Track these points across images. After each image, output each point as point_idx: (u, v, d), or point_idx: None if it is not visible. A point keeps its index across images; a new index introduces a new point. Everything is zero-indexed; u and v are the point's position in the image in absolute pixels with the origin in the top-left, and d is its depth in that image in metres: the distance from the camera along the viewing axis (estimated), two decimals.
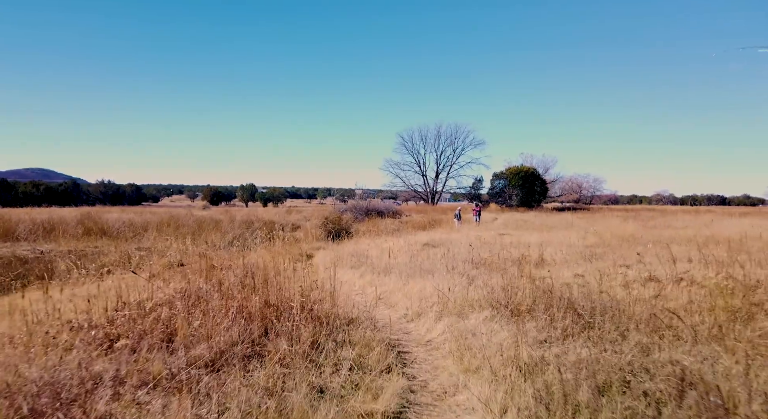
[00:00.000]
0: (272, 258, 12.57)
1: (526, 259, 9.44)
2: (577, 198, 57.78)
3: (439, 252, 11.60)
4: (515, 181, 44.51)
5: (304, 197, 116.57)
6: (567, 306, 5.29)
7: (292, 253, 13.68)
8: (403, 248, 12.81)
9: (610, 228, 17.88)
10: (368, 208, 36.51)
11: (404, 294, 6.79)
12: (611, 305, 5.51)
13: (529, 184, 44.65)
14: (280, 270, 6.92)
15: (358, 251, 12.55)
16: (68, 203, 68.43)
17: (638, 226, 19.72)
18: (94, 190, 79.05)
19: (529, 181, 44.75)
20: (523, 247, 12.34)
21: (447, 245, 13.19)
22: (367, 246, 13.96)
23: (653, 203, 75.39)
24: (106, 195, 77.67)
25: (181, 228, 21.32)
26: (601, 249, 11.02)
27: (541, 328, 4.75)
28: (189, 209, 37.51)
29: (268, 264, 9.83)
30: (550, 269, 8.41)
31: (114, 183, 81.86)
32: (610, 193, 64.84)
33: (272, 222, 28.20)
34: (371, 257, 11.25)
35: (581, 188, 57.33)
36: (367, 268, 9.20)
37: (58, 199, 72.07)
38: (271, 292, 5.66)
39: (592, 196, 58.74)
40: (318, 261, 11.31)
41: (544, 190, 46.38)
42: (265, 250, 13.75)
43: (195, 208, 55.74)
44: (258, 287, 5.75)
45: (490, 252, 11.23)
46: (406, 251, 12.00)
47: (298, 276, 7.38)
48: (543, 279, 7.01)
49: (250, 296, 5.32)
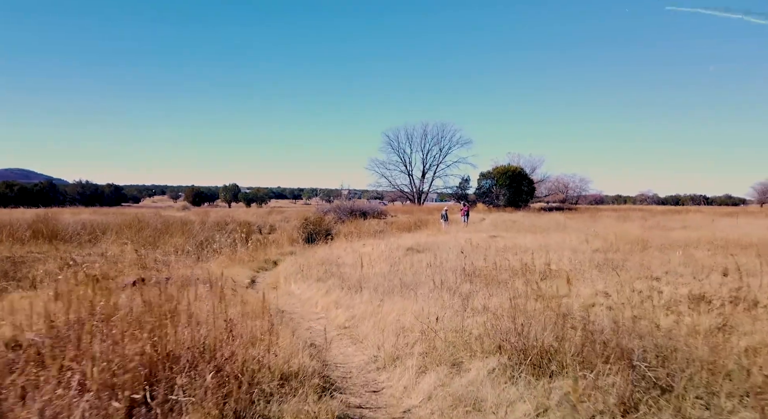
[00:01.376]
0: (227, 268, 10.65)
1: (529, 269, 7.68)
2: (563, 198, 56.71)
3: (425, 259, 9.80)
4: (502, 180, 43.01)
5: (289, 198, 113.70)
6: (611, 349, 3.52)
7: (257, 260, 11.76)
8: (383, 253, 10.99)
9: (610, 229, 16.30)
10: (352, 209, 34.63)
11: (377, 323, 4.95)
12: (668, 345, 3.76)
13: (516, 184, 43.20)
14: (203, 293, 5.03)
15: (331, 257, 10.69)
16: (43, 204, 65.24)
17: (637, 227, 18.23)
18: (71, 191, 75.58)
19: (517, 180, 43.30)
20: (521, 252, 10.63)
21: (434, 250, 11.41)
22: (344, 251, 12.10)
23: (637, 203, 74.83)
24: (84, 195, 74.27)
25: (144, 231, 19.15)
26: (612, 255, 9.33)
27: (582, 395, 2.96)
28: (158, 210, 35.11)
29: (212, 278, 7.92)
30: (561, 283, 6.67)
31: (92, 183, 78.48)
32: (595, 193, 64.01)
33: (248, 224, 26.14)
34: (345, 265, 9.40)
35: (567, 188, 56.31)
36: (337, 282, 7.35)
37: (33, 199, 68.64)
38: (178, 329, 3.78)
39: (578, 196, 57.75)
40: (281, 270, 9.42)
41: (532, 190, 45.00)
42: (226, 257, 11.81)
43: (173, 208, 53.22)
44: (159, 318, 3.85)
45: (484, 260, 9.47)
46: (386, 258, 10.18)
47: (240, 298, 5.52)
48: (559, 299, 5.24)
49: (137, 337, 3.44)
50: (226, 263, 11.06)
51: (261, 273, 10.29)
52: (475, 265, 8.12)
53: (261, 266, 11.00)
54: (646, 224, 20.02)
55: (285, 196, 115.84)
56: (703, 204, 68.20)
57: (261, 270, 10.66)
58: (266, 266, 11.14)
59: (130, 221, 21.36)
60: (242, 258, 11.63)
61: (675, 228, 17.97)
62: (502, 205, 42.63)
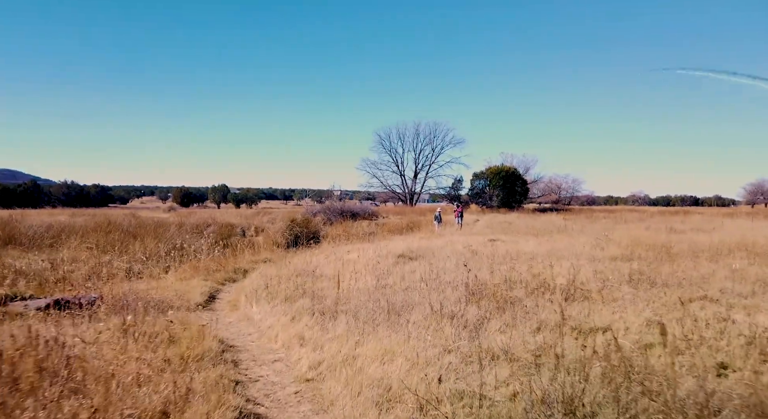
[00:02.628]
0: (185, 281, 9.00)
1: (547, 285, 6.14)
2: (556, 199, 55.58)
3: (419, 269, 8.24)
4: (496, 181, 41.61)
5: (280, 198, 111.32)
6: None
7: (225, 269, 10.11)
8: (371, 262, 9.40)
9: (616, 232, 14.87)
10: (342, 210, 33.01)
11: (352, 378, 3.35)
12: None
13: (510, 185, 41.83)
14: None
15: (309, 267, 9.07)
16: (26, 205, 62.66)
17: (644, 229, 16.82)
18: (56, 192, 73.07)
19: (510, 181, 41.93)
20: (529, 260, 9.11)
21: (428, 257, 9.85)
22: (326, 258, 10.49)
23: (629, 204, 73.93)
24: (69, 196, 71.83)
25: (112, 235, 17.33)
26: (636, 264, 7.83)
27: None
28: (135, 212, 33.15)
29: (154, 298, 6.32)
30: (595, 307, 5.13)
31: (77, 184, 75.99)
32: (586, 194, 63.00)
33: (231, 226, 24.40)
34: (323, 278, 7.80)
35: (560, 189, 55.14)
36: (308, 302, 5.75)
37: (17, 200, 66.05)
38: None
39: (571, 196, 56.63)
40: (248, 283, 7.77)
41: (525, 191, 43.65)
42: (190, 267, 10.14)
43: (160, 209, 51.16)
44: None
45: (489, 270, 7.93)
46: (373, 267, 8.59)
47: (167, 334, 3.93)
48: (600, 334, 3.71)
49: None
50: (188, 273, 9.41)
51: (227, 287, 8.65)
52: (479, 278, 6.56)
53: (229, 277, 9.36)
54: (652, 226, 18.63)
55: (276, 197, 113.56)
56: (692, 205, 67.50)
57: (228, 283, 9.02)
58: (235, 276, 9.50)
59: (101, 223, 19.53)
60: (208, 268, 9.97)
61: (684, 231, 16.60)
62: (495, 205, 41.24)
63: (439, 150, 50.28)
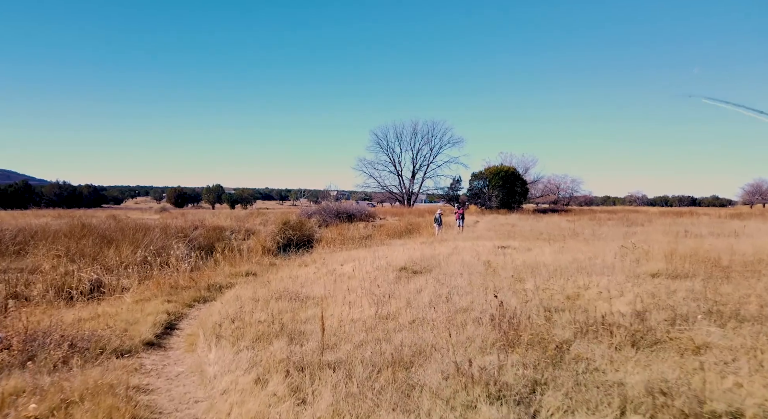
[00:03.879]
0: (142, 304, 7.41)
1: (600, 319, 4.61)
2: (554, 199, 54.30)
3: (426, 287, 6.70)
4: (495, 181, 40.13)
5: (276, 199, 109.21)
6: None
7: (198, 286, 8.52)
8: (368, 276, 7.86)
9: (639, 237, 13.41)
10: (338, 211, 31.44)
11: None
12: None
13: (509, 185, 40.36)
14: None
15: (295, 284, 7.51)
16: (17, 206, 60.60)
17: (660, 233, 15.39)
18: (48, 192, 70.93)
19: (510, 181, 40.46)
20: (551, 274, 7.59)
21: (435, 270, 8.31)
22: (316, 271, 8.93)
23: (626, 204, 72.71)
24: (61, 196, 69.73)
25: (86, 239, 15.66)
26: (692, 284, 6.33)
27: None
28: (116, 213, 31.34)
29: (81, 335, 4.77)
30: (682, 359, 3.61)
31: (70, 184, 73.92)
32: (584, 194, 61.77)
33: (220, 229, 22.74)
34: (310, 302, 6.24)
35: (559, 189, 53.84)
36: (284, 346, 4.21)
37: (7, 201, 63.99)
38: None
39: (570, 197, 55.36)
40: (216, 310, 6.18)
41: (525, 191, 42.19)
42: (155, 283, 8.54)
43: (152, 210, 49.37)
44: None
45: (511, 289, 6.40)
46: (371, 284, 7.06)
47: None
48: None
49: None
50: (150, 292, 7.82)
51: (194, 310, 7.06)
52: (505, 305, 5.03)
53: (199, 296, 7.76)
54: (666, 230, 17.18)
55: (272, 197, 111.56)
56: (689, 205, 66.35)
57: (197, 304, 7.43)
58: (208, 295, 7.91)
59: (73, 227, 17.81)
60: (176, 284, 8.38)
61: (703, 235, 15.18)
62: (494, 206, 39.80)
63: (437, 149, 48.84)
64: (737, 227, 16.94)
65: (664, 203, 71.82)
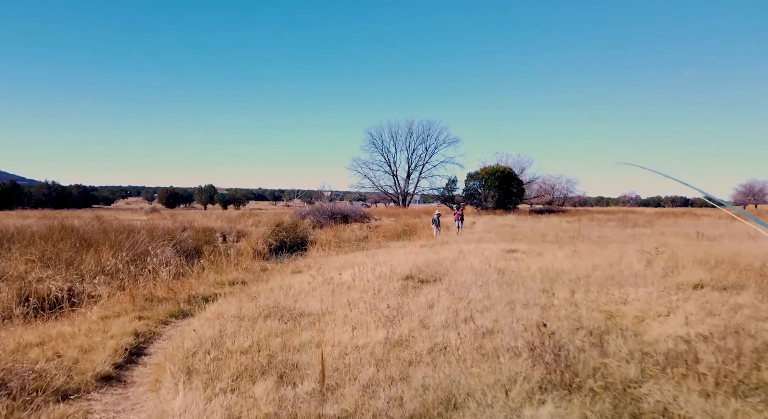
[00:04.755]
0: (109, 321, 6.35)
1: (678, 354, 3.68)
2: (549, 200, 53.66)
3: (439, 302, 5.74)
4: (491, 181, 39.29)
5: (269, 199, 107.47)
6: None
7: (177, 298, 7.47)
8: (370, 287, 6.89)
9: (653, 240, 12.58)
10: (333, 212, 30.40)
11: None
12: None
13: (505, 185, 39.54)
14: None
15: (287, 298, 6.51)
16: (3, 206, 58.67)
17: (674, 236, 14.60)
18: (36, 192, 68.94)
19: (506, 181, 39.65)
20: (574, 283, 6.68)
21: (444, 280, 7.35)
22: (311, 280, 7.92)
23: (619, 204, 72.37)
24: (50, 197, 67.82)
25: (64, 242, 14.50)
26: (744, 299, 5.43)
27: None
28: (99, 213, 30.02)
29: None
30: None
31: (59, 184, 71.98)
32: (578, 195, 61.28)
33: (210, 231, 21.59)
34: (304, 320, 5.26)
35: (553, 189, 53.23)
36: (271, 390, 3.24)
37: None
38: None
39: (565, 197, 54.80)
40: (193, 333, 5.16)
41: (521, 192, 41.42)
42: (128, 294, 7.47)
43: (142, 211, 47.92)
44: None
45: (538, 305, 5.46)
46: (375, 297, 6.09)
47: None
48: None
49: None
50: (121, 305, 6.76)
51: (169, 329, 6.03)
52: (542, 331, 4.10)
53: (178, 311, 6.72)
54: (676, 232, 16.41)
55: (265, 198, 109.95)
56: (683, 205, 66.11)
57: (174, 321, 6.40)
58: (188, 309, 6.87)
59: (51, 229, 16.59)
60: (152, 295, 7.32)
61: (717, 237, 14.41)
62: (490, 207, 38.96)
63: (432, 149, 47.97)
64: (744, 229, 16.19)
65: (656, 204, 71.57)
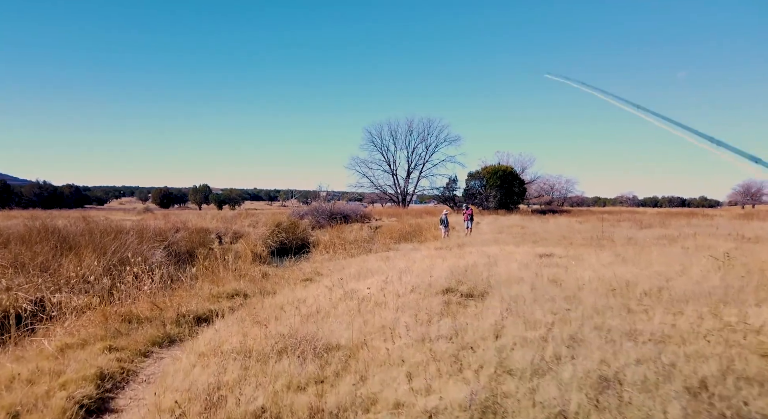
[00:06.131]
0: (57, 362, 4.80)
1: None
2: (549, 200, 52.54)
3: (506, 330, 4.30)
4: (493, 181, 37.99)
5: (265, 199, 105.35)
6: None
7: (165, 316, 5.96)
8: (403, 302, 5.45)
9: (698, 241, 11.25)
10: (332, 212, 28.86)
11: None
12: None
13: (507, 185, 38.27)
14: None
15: (305, 323, 5.05)
16: None
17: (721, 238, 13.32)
18: (27, 192, 66.52)
19: (508, 181, 38.38)
20: (660, 301, 5.26)
21: (494, 294, 5.91)
22: (328, 290, 6.45)
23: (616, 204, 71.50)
24: (41, 197, 65.49)
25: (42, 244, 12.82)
26: None
27: None
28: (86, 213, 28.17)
29: None
30: None
31: (50, 184, 69.58)
32: (576, 195, 60.24)
33: (205, 232, 19.97)
34: (333, 357, 3.80)
35: (553, 189, 52.12)
36: None
37: None
38: None
39: (564, 198, 53.73)
40: (178, 382, 3.66)
41: (523, 191, 40.18)
42: (99, 314, 5.95)
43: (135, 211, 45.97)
44: None
45: (652, 342, 4.03)
46: (416, 323, 4.66)
47: None
48: None
49: None
50: (91, 329, 5.25)
51: (152, 364, 4.51)
52: (691, 385, 2.68)
53: (163, 335, 5.21)
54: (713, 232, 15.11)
55: (261, 198, 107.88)
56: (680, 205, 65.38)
57: (156, 351, 4.88)
58: (176, 333, 5.35)
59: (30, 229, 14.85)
60: (130, 314, 5.79)
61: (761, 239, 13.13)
62: (492, 207, 37.66)
63: (433, 148, 46.54)
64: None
65: (654, 204, 70.80)
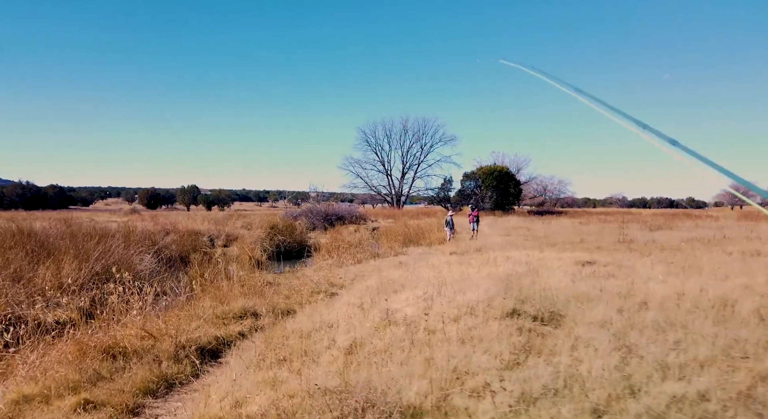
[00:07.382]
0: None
1: None
2: (542, 201, 51.99)
3: (638, 381, 3.17)
4: (489, 181, 37.14)
5: (254, 200, 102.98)
6: None
7: (159, 348, 4.64)
8: (460, 331, 4.28)
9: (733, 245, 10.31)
10: (327, 213, 27.54)
11: None
12: None
13: (503, 185, 37.47)
14: None
15: (347, 365, 3.84)
16: None
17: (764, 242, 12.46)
18: (9, 192, 63.49)
19: (504, 181, 37.58)
20: None
21: (575, 319, 4.77)
22: (360, 311, 5.23)
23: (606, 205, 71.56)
24: (24, 197, 62.61)
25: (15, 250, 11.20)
26: None
27: None
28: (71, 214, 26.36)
29: None
30: None
31: (34, 184, 66.62)
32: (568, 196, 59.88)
33: (197, 234, 18.48)
34: None
35: (546, 190, 51.61)
36: None
37: None
38: None
39: (557, 198, 53.25)
40: None
41: (519, 192, 39.44)
42: (74, 345, 4.63)
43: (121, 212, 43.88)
44: None
45: None
46: (498, 370, 3.49)
47: None
48: None
49: None
50: (62, 370, 3.95)
51: None
52: None
53: (158, 378, 3.92)
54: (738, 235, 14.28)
55: (250, 199, 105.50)
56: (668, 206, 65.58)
57: (149, 405, 3.60)
58: (175, 374, 4.06)
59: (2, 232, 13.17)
60: (118, 344, 4.48)
61: None
62: (488, 208, 36.78)
63: (428, 148, 45.57)
64: None
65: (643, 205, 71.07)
